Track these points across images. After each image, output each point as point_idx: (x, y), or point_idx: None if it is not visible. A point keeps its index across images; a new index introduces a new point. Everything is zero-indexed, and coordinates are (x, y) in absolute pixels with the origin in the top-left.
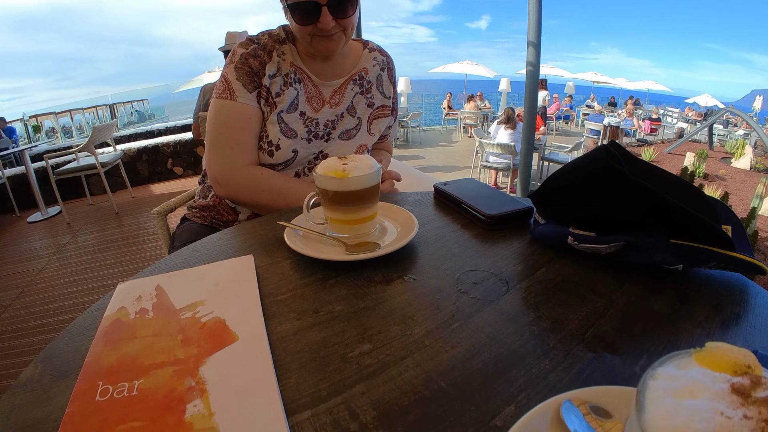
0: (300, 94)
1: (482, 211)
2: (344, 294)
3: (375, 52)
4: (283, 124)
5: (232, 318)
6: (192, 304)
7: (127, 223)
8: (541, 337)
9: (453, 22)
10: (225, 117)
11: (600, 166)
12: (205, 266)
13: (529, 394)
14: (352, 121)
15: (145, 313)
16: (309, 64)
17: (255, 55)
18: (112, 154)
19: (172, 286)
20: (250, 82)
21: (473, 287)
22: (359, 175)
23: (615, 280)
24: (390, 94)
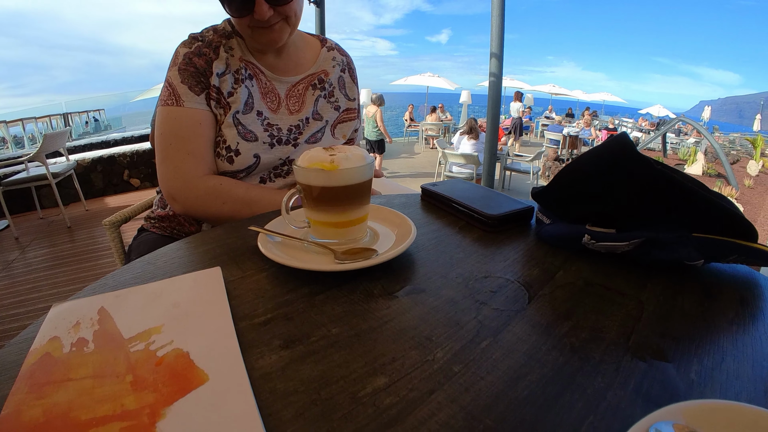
0: (254, 91)
1: (483, 212)
2: (339, 312)
3: (334, 52)
4: (240, 127)
5: (198, 350)
6: (145, 332)
7: (81, 238)
8: (584, 349)
9: (414, 36)
10: (173, 125)
11: (623, 153)
12: (160, 282)
13: (593, 422)
14: (319, 125)
15: (83, 344)
16: (260, 57)
17: (200, 53)
18: (64, 164)
19: (120, 308)
20: (196, 84)
21: (492, 297)
22: (351, 168)
23: (637, 279)
24: (354, 96)
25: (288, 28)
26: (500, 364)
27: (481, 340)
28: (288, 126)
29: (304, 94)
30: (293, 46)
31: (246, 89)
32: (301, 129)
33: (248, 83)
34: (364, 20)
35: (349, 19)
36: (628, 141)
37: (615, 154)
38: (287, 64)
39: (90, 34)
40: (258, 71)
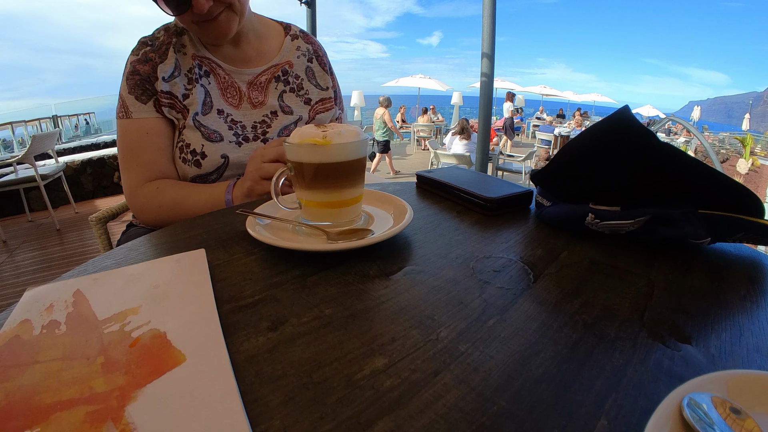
0: (211, 89)
1: (481, 195)
2: (333, 294)
3: (299, 41)
4: (203, 128)
5: (175, 330)
6: (121, 313)
7: (70, 241)
8: (597, 326)
9: (405, 38)
10: (125, 138)
11: (626, 127)
12: (141, 264)
13: (617, 399)
14: (291, 118)
15: (55, 327)
16: (216, 51)
17: (146, 59)
18: (53, 166)
19: (97, 290)
20: (142, 93)
21: (495, 276)
22: (346, 143)
23: (644, 259)
24: (328, 85)
25: (235, 16)
26: (510, 342)
27: (488, 319)
28: (252, 122)
29: (267, 86)
30: (253, 33)
31: (202, 88)
32: (269, 123)
33: (204, 81)
34: (355, 23)
35: (340, 22)
36: (631, 115)
37: (618, 129)
38: (248, 53)
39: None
40: (215, 65)
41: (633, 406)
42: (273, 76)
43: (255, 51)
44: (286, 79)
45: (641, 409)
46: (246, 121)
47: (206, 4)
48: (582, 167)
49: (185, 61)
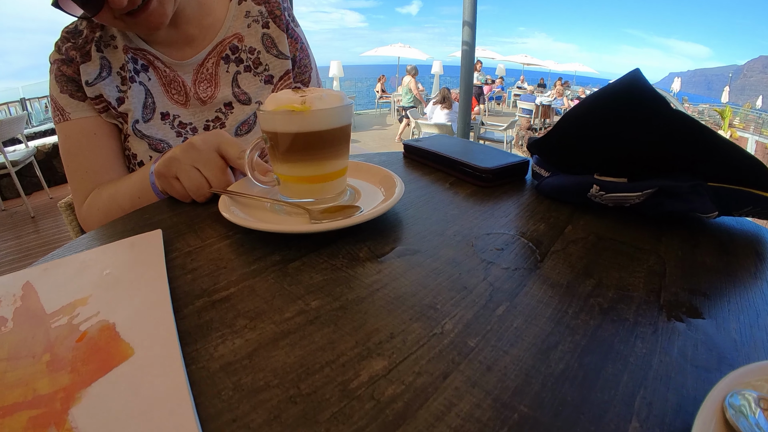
0: (152, 86)
1: (476, 165)
2: (318, 281)
3: (247, 3)
4: (147, 138)
5: (125, 320)
6: (69, 305)
7: (46, 227)
8: (614, 311)
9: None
10: (67, 144)
11: (638, 91)
12: (94, 250)
13: (645, 396)
14: (248, 110)
15: (1, 324)
16: (151, 37)
17: (68, 60)
18: (23, 151)
19: (47, 281)
20: (77, 90)
21: (499, 255)
22: (328, 108)
23: (650, 233)
24: (291, 51)
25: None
26: (524, 333)
27: (496, 306)
28: (204, 122)
29: (216, 72)
30: (193, 2)
31: (141, 87)
32: (223, 120)
33: (143, 77)
34: None
35: None
36: (643, 78)
37: (628, 93)
38: (189, 32)
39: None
40: (152, 58)
41: (663, 403)
42: (220, 56)
43: (197, 26)
44: (238, 56)
45: (672, 407)
46: (196, 121)
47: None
48: (586, 135)
49: (115, 56)
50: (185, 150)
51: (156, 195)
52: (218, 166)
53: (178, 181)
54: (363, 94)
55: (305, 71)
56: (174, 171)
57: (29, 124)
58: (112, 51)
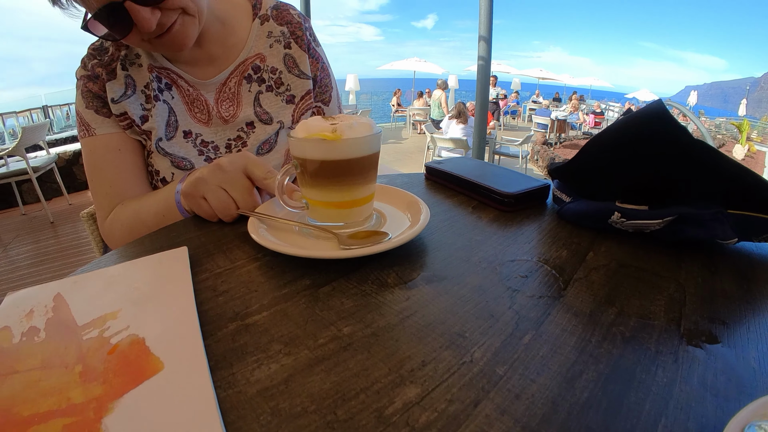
0: (175, 104)
1: (499, 190)
2: (349, 307)
3: (270, 23)
4: (170, 156)
5: (154, 336)
6: (100, 318)
7: (64, 233)
8: (636, 339)
9: (399, 21)
10: (92, 159)
11: (660, 121)
12: (122, 265)
13: (666, 425)
14: (270, 129)
15: (34, 334)
16: (175, 58)
17: (94, 76)
18: (45, 158)
19: (77, 294)
20: (103, 105)
21: (523, 282)
22: (358, 137)
23: (670, 260)
24: (312, 71)
25: (192, 19)
26: (550, 362)
27: (523, 334)
28: (226, 140)
29: (238, 92)
30: (217, 23)
31: (165, 105)
32: (245, 139)
33: (166, 96)
34: (348, 5)
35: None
36: (665, 109)
37: (651, 124)
38: (212, 51)
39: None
40: (176, 77)
41: (683, 431)
42: (243, 76)
43: (221, 46)
44: (260, 76)
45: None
46: (218, 140)
47: (152, 20)
48: (609, 163)
49: (140, 75)
50: (212, 171)
51: (181, 213)
52: (245, 186)
53: (206, 201)
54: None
55: (326, 91)
56: (201, 191)
57: (50, 131)
58: (137, 69)
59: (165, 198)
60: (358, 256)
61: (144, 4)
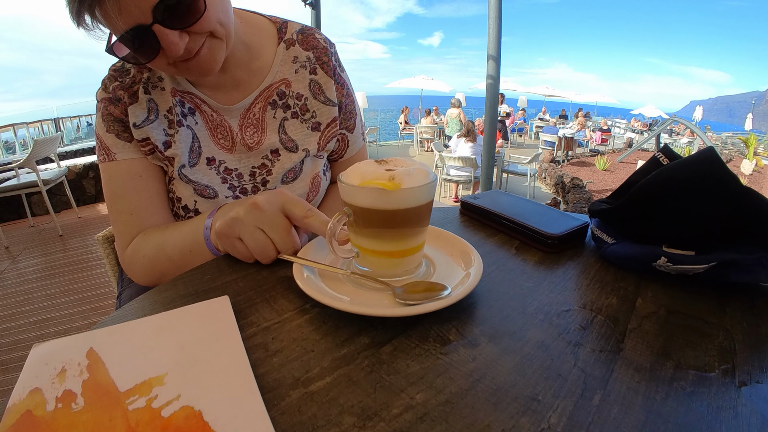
0: (198, 130)
1: (543, 232)
2: (416, 371)
3: (295, 48)
4: (193, 183)
5: (212, 408)
6: (145, 383)
7: (73, 247)
8: (697, 395)
9: (406, 39)
10: (111, 185)
11: (712, 169)
12: (159, 316)
13: None
14: (295, 157)
15: (71, 400)
16: (200, 83)
17: (116, 99)
18: (55, 171)
19: (113, 349)
20: (124, 130)
21: (583, 335)
22: (417, 186)
23: (714, 304)
24: (335, 99)
25: (220, 43)
26: (622, 424)
27: (592, 395)
28: (250, 168)
29: (263, 118)
30: (242, 47)
31: (188, 131)
32: (269, 167)
33: (190, 120)
34: (355, 23)
35: (340, 22)
36: (717, 157)
37: (704, 170)
38: (237, 76)
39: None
40: (200, 102)
41: None
42: (267, 102)
43: (246, 71)
44: (285, 102)
45: None
46: (242, 167)
47: (180, 44)
48: (658, 208)
49: (163, 99)
50: (249, 210)
51: (210, 252)
52: (283, 227)
53: (242, 242)
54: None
55: (350, 117)
56: (237, 232)
57: (61, 143)
58: (159, 93)
59: (192, 233)
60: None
61: (173, 27)
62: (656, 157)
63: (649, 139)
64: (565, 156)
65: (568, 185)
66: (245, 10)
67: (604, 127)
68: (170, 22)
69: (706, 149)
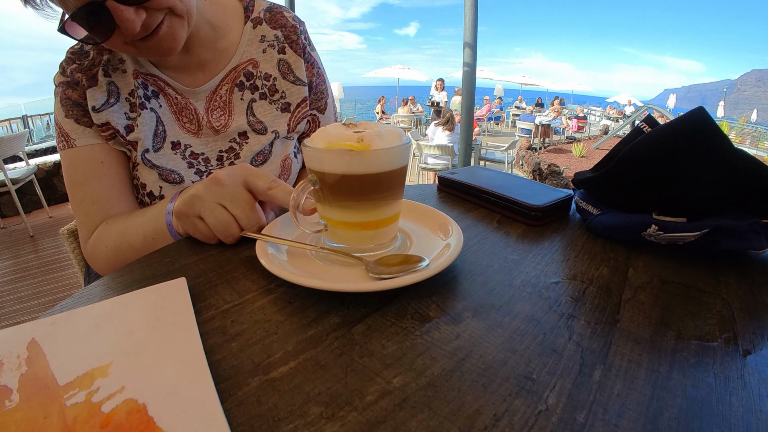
0: (162, 113)
1: (526, 203)
2: (393, 351)
3: (263, 27)
4: (157, 168)
5: (159, 400)
6: (86, 375)
7: (45, 247)
8: (703, 366)
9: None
10: (72, 172)
11: (702, 130)
12: (109, 301)
13: None
14: (264, 139)
15: (5, 396)
16: (163, 65)
17: (74, 83)
18: (24, 169)
19: (56, 340)
20: (83, 115)
21: (576, 306)
22: (390, 147)
23: (707, 273)
24: (305, 79)
25: (181, 21)
26: (627, 400)
27: (592, 371)
28: (217, 152)
29: (230, 100)
30: (207, 26)
31: (152, 114)
32: (237, 151)
33: (153, 104)
34: (331, 14)
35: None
36: (708, 116)
37: (694, 131)
38: (202, 56)
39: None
40: (163, 84)
41: None
42: (234, 83)
43: (211, 51)
44: (253, 83)
45: None
46: (209, 152)
47: (137, 21)
48: (647, 174)
49: (124, 81)
50: (208, 186)
51: (173, 237)
52: (246, 201)
53: (202, 221)
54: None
55: (321, 97)
56: (197, 210)
57: (30, 142)
58: (120, 75)
59: (154, 218)
60: (400, 287)
61: (127, 3)
62: (639, 126)
63: (624, 126)
64: (542, 143)
65: (545, 172)
66: None
67: (581, 114)
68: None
69: (695, 108)
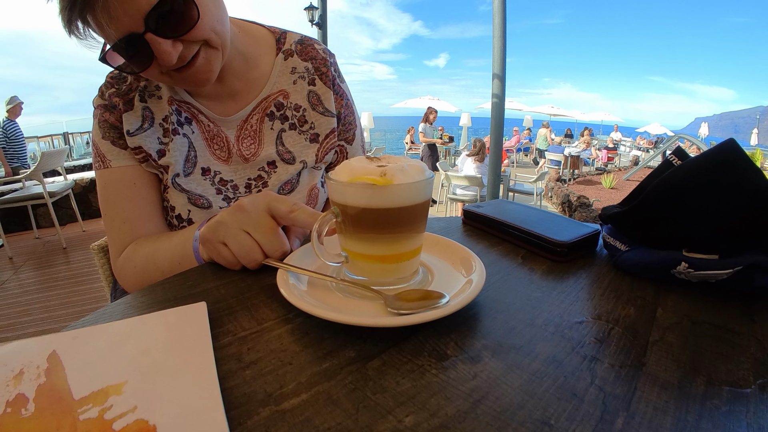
0: (195, 139)
1: (551, 239)
2: (407, 389)
3: (294, 59)
4: (187, 193)
5: (168, 423)
6: (101, 392)
7: (76, 260)
8: (734, 415)
9: (412, 60)
10: (106, 192)
11: (734, 162)
12: (130, 320)
13: None
14: (292, 169)
15: (22, 405)
16: (197, 93)
17: (111, 106)
18: (62, 184)
19: (76, 353)
20: (119, 137)
21: (599, 348)
22: (411, 182)
23: (740, 312)
24: (334, 110)
25: (215, 52)
26: None
27: (614, 417)
28: (246, 180)
29: (260, 129)
30: (239, 57)
31: (184, 139)
32: (266, 179)
33: (186, 129)
34: (362, 45)
35: (348, 44)
36: (739, 148)
37: (724, 163)
38: (234, 86)
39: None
40: (196, 112)
41: None
42: (265, 113)
43: (243, 81)
44: (283, 114)
45: None
46: (238, 179)
47: (173, 53)
48: (677, 209)
49: (159, 107)
50: (232, 213)
51: (198, 262)
52: (269, 226)
53: (226, 247)
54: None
55: (349, 128)
56: (221, 236)
57: (70, 158)
58: (156, 102)
59: (182, 244)
60: (417, 323)
61: (165, 36)
62: (668, 158)
63: (655, 156)
64: (571, 174)
65: (574, 204)
66: (244, 20)
67: (610, 145)
68: (163, 31)
69: (726, 141)
